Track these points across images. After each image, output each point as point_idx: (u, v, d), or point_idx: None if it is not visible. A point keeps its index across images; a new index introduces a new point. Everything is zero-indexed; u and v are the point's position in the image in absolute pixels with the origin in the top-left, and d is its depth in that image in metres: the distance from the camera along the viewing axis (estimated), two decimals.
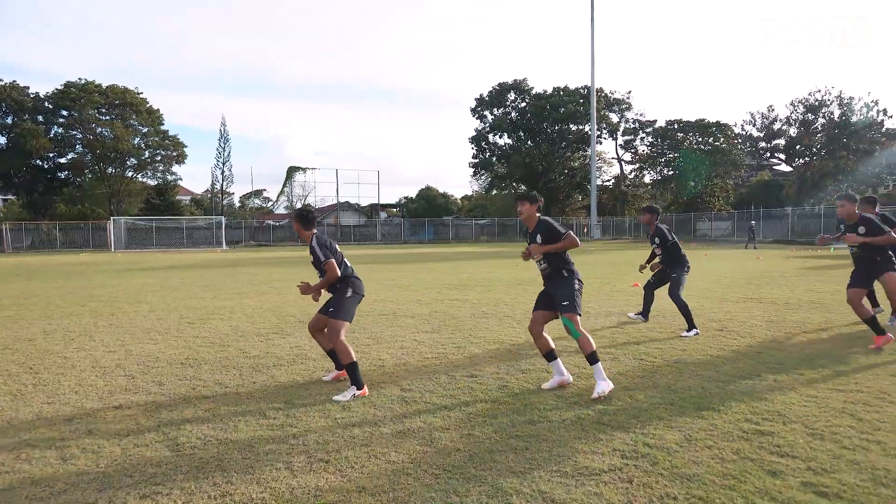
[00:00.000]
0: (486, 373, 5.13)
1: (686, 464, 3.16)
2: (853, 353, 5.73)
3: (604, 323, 7.66)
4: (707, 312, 8.41)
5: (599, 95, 58.22)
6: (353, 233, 55.96)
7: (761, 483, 2.92)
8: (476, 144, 63.70)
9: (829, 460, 3.18)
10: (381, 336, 6.94)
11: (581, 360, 5.50)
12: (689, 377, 4.91)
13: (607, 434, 3.62)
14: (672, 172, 57.72)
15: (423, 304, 9.71)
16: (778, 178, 58.48)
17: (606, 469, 3.11)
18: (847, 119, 48.65)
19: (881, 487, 2.86)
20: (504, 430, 3.70)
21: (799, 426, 3.71)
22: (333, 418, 3.98)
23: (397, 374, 5.15)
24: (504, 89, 61.85)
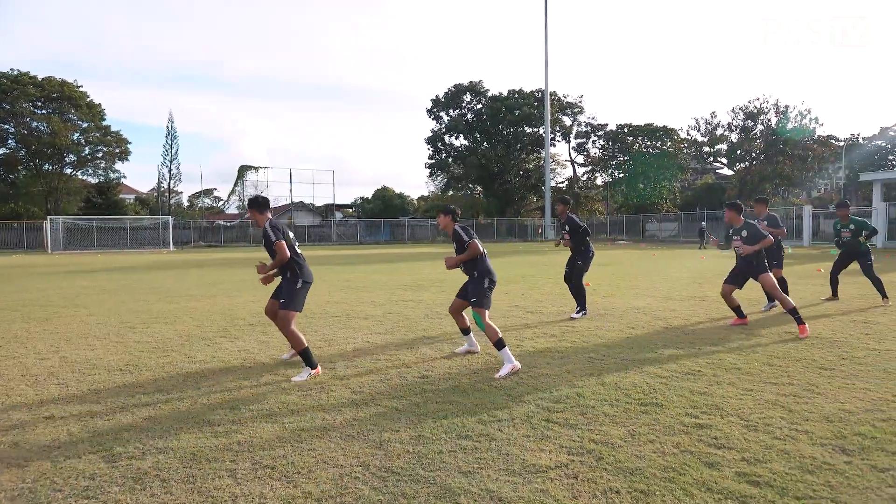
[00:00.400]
0: (438, 373, 5.14)
1: (629, 458, 3.25)
2: (787, 348, 6.04)
3: (554, 321, 7.80)
4: (653, 311, 8.69)
5: (553, 99, 59.33)
6: (308, 233, 54.97)
7: (699, 475, 3.04)
8: (432, 145, 63.78)
9: (761, 451, 3.34)
10: (334, 338, 6.84)
11: (535, 360, 5.60)
12: (634, 374, 5.05)
13: (555, 431, 3.69)
14: (622, 175, 59.43)
15: (378, 306, 9.64)
16: (721, 182, 61.12)
17: (553, 466, 3.16)
18: (783, 126, 51.34)
19: (807, 475, 3.02)
20: (454, 431, 3.71)
21: (735, 419, 3.89)
22: (281, 423, 3.90)
23: (348, 376, 5.09)
24: (460, 91, 62.17)
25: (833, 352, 5.81)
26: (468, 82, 62.20)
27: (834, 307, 8.86)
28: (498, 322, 7.81)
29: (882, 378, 4.84)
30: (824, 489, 2.86)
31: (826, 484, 2.91)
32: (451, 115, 62.82)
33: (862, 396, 4.34)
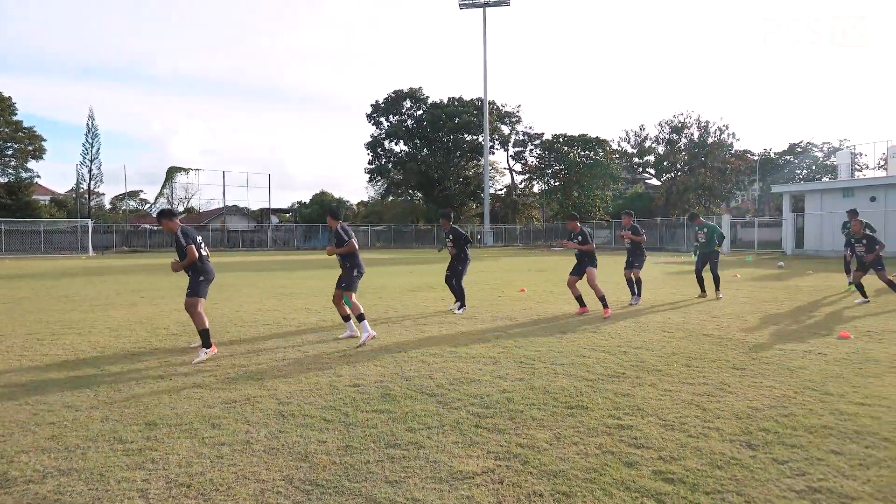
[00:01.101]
0: (370, 382, 5.07)
1: (554, 461, 3.33)
2: (703, 349, 6.39)
3: (490, 327, 7.90)
4: (584, 316, 8.97)
5: (492, 108, 60.41)
6: (242, 238, 53.10)
7: (619, 474, 3.15)
8: (372, 150, 63.37)
9: (676, 449, 3.51)
10: (263, 347, 6.62)
11: (467, 365, 5.64)
12: (563, 378, 5.19)
13: (484, 437, 3.72)
14: (558, 183, 61.22)
15: (312, 313, 9.42)
16: (650, 191, 64.18)
17: (480, 472, 3.18)
18: (704, 139, 54.61)
19: (717, 470, 3.20)
20: (383, 440, 3.67)
21: (654, 418, 4.06)
22: (200, 437, 3.72)
23: (276, 386, 4.93)
24: (400, 97, 62.17)
25: (744, 352, 6.20)
26: (408, 88, 62.34)
27: (746, 309, 9.46)
28: (433, 328, 7.83)
29: (786, 376, 5.20)
30: (731, 483, 3.03)
31: (733, 478, 3.09)
32: (391, 120, 62.71)
33: (768, 394, 4.65)
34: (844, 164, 34.90)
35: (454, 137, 61.64)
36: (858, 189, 30.50)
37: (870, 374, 5.26)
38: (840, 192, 31.24)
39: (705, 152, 54.15)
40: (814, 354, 6.07)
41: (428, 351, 6.33)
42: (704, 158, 54.23)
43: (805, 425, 3.90)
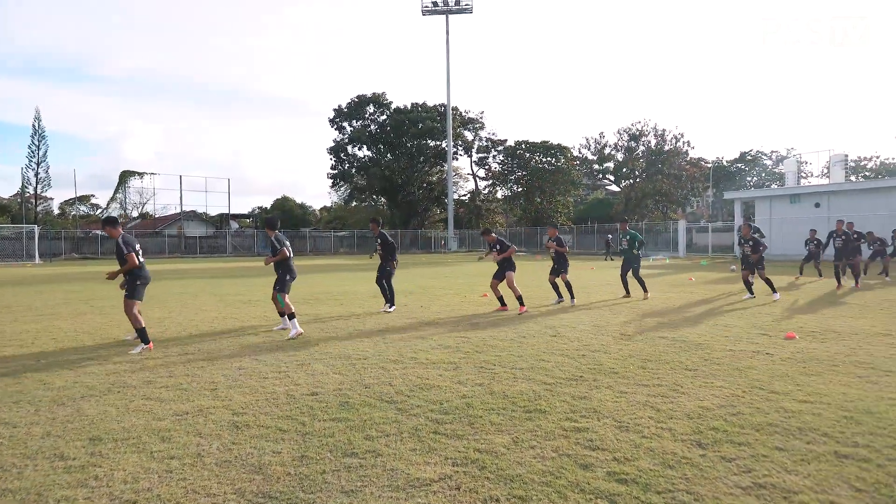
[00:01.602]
0: (329, 390, 5.00)
1: (511, 465, 3.34)
2: (658, 351, 6.55)
3: (451, 332, 7.90)
4: (545, 319, 9.09)
5: (455, 114, 60.75)
6: (200, 244, 51.65)
7: (574, 476, 3.19)
8: (335, 155, 62.77)
9: (630, 449, 3.58)
10: (218, 357, 6.44)
11: (428, 371, 5.63)
12: (522, 382, 5.23)
13: (442, 443, 3.71)
14: (521, 189, 61.98)
15: (270, 321, 9.22)
16: (609, 197, 65.68)
17: (437, 478, 3.17)
18: (661, 147, 56.30)
19: (668, 469, 3.28)
20: (340, 449, 3.62)
21: (609, 420, 4.14)
22: (149, 452, 3.58)
23: (231, 397, 4.80)
24: (363, 102, 61.86)
25: (697, 354, 6.39)
26: (371, 94, 62.09)
27: (700, 311, 9.77)
28: (395, 334, 7.79)
29: (735, 376, 5.39)
30: (682, 482, 3.11)
31: (683, 477, 3.17)
32: (355, 125, 62.30)
33: (718, 393, 4.80)
34: (791, 172, 36.56)
35: (418, 143, 61.68)
36: (804, 195, 31.97)
37: (813, 372, 5.49)
38: (787, 198, 32.67)
39: (662, 159, 55.81)
40: (762, 355, 6.31)
41: (388, 358, 6.28)
42: (661, 165, 55.88)
43: (752, 423, 4.04)
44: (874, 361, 5.93)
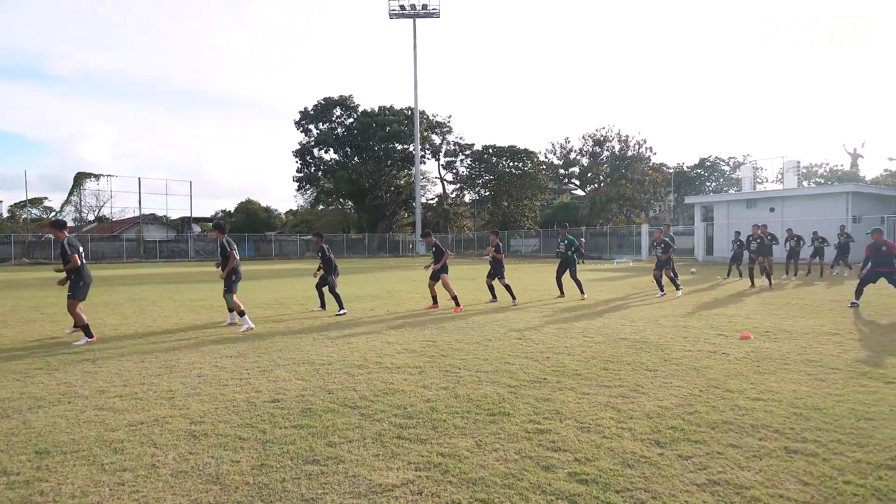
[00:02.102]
0: (291, 396, 4.91)
1: (474, 468, 3.35)
2: (620, 352, 6.68)
3: (417, 336, 7.88)
4: (510, 322, 9.15)
5: (423, 117, 60.78)
6: (161, 249, 50.18)
7: (535, 478, 3.21)
8: (301, 158, 61.94)
9: (591, 450, 3.63)
10: (177, 364, 6.26)
11: (392, 376, 5.60)
12: (487, 385, 5.25)
13: (405, 448, 3.69)
14: (488, 193, 62.41)
15: (233, 327, 9.02)
16: (575, 201, 66.73)
17: (399, 484, 3.15)
18: (624, 153, 57.56)
19: (628, 468, 3.34)
20: (301, 456, 3.56)
21: (572, 421, 4.19)
22: (100, 464, 3.45)
23: (189, 405, 4.67)
24: (330, 104, 61.27)
25: (657, 354, 6.54)
26: (338, 96, 61.56)
27: (660, 313, 10.00)
28: (360, 339, 7.72)
29: (693, 375, 5.53)
30: (640, 480, 3.18)
31: (642, 476, 3.24)
32: (321, 128, 61.63)
33: (676, 393, 4.92)
34: (747, 178, 37.88)
35: (385, 146, 61.42)
36: (760, 201, 33.16)
37: (766, 371, 5.69)
38: (744, 203, 33.82)
39: (626, 165, 57.05)
40: (718, 354, 6.50)
41: (353, 363, 6.22)
42: (625, 171, 57.11)
43: (708, 421, 4.15)
44: (823, 360, 6.18)
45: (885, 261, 10.40)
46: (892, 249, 10.39)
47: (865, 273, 10.61)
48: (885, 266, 10.39)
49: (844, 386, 5.08)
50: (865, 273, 10.61)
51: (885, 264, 10.41)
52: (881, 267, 10.43)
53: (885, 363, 5.95)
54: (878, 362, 6.00)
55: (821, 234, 19.97)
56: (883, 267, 10.41)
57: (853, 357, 6.28)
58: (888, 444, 3.67)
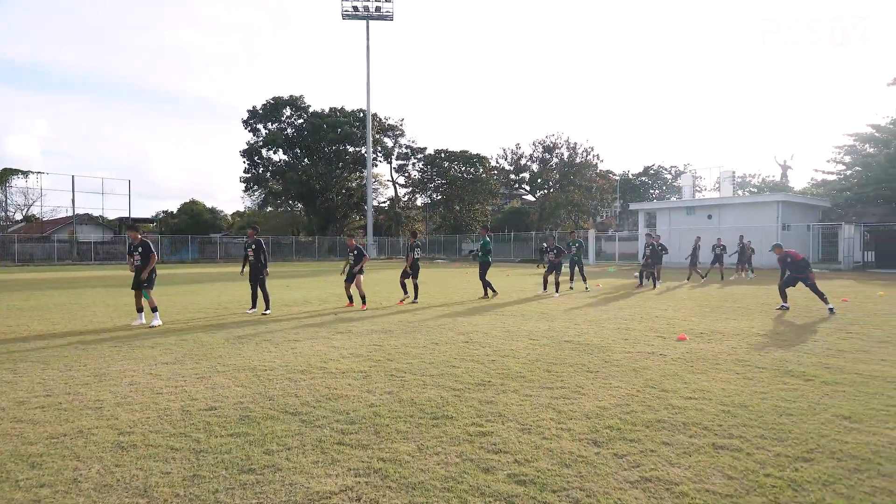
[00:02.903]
0: (229, 404, 4.76)
1: (414, 473, 3.34)
2: (563, 354, 6.82)
3: (363, 341, 7.79)
4: (457, 325, 9.20)
5: (375, 120, 60.38)
6: (96, 250, 47.63)
7: (475, 481, 3.23)
8: (249, 158, 60.34)
9: (531, 451, 3.69)
10: (107, 372, 5.95)
11: (337, 381, 5.52)
12: (431, 388, 5.25)
13: (346, 454, 3.64)
14: (440, 197, 62.63)
15: (170, 333, 8.66)
16: (526, 206, 67.89)
17: (338, 490, 3.10)
18: (573, 159, 59.05)
19: (565, 468, 3.41)
20: (237, 465, 3.45)
21: (513, 423, 4.24)
22: (14, 481, 3.23)
23: (117, 415, 4.44)
24: (280, 104, 60.01)
25: (599, 356, 6.72)
26: (289, 96, 60.39)
27: (603, 316, 10.29)
28: (305, 344, 7.57)
29: (631, 376, 5.72)
30: (576, 479, 3.25)
31: (578, 475, 3.31)
32: (270, 128, 60.25)
33: (615, 393, 5.07)
34: (687, 186, 39.60)
35: (336, 148, 60.64)
36: (699, 208, 34.71)
37: (699, 371, 5.94)
38: (684, 210, 35.32)
39: (574, 171, 58.49)
40: (656, 356, 6.75)
41: (296, 368, 6.09)
42: (573, 177, 58.55)
43: (643, 420, 4.30)
44: (751, 359, 6.51)
45: (800, 268, 11.32)
46: (797, 257, 11.46)
47: (785, 279, 11.56)
48: (800, 272, 11.33)
49: (769, 384, 5.37)
50: (785, 279, 11.56)
51: (800, 270, 11.33)
52: (798, 273, 11.36)
53: (806, 362, 6.33)
54: (800, 361, 6.38)
55: (722, 242, 21.73)
56: (799, 273, 11.35)
57: (778, 356, 6.66)
58: (805, 438, 3.91)
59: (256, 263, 10.96)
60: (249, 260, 11.00)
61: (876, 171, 38.61)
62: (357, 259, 11.84)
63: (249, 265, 11.04)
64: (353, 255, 11.87)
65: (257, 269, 10.99)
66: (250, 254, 11.00)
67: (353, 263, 11.85)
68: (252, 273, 11.03)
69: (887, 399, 4.83)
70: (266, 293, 10.98)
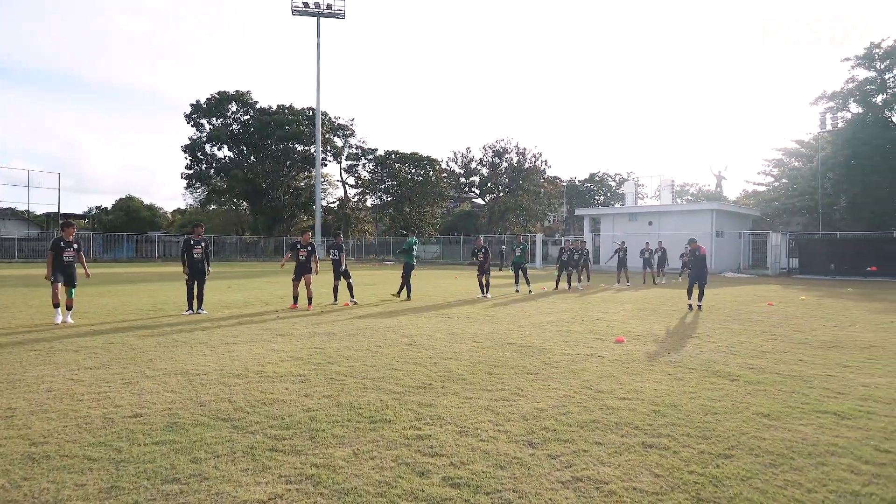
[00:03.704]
0: (156, 410, 4.53)
1: (348, 478, 3.28)
2: (506, 357, 6.90)
3: (304, 344, 7.63)
4: (402, 328, 9.15)
5: (325, 119, 59.47)
6: (20, 247, 44.60)
7: (409, 485, 3.21)
8: (191, 154, 58.10)
9: (467, 453, 3.69)
10: (22, 378, 5.55)
11: (274, 385, 5.38)
12: (371, 392, 5.19)
13: (278, 460, 3.53)
14: (390, 199, 62.31)
15: (97, 335, 8.19)
16: (475, 210, 68.49)
17: (266, 499, 3.01)
18: (522, 164, 60.07)
19: (499, 470, 3.43)
20: (160, 475, 3.28)
21: (452, 426, 4.24)
22: None
23: (31, 424, 4.15)
24: (225, 99, 58.13)
25: (539, 358, 6.84)
26: (235, 91, 58.62)
27: (546, 319, 10.49)
28: (242, 347, 7.34)
29: (570, 377, 5.84)
30: (510, 481, 3.28)
31: (512, 476, 3.34)
32: (215, 123, 58.28)
33: (553, 395, 5.16)
34: (630, 194, 41.01)
35: (284, 146, 59.30)
36: (640, 215, 36.01)
37: (633, 372, 6.14)
38: (627, 216, 36.57)
39: (523, 176, 59.50)
40: (594, 357, 6.93)
41: (231, 372, 5.88)
42: (522, 182, 59.55)
43: (578, 421, 4.39)
44: (682, 360, 6.79)
45: (698, 263, 12.60)
46: (702, 251, 12.63)
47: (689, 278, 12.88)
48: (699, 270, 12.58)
49: (698, 384, 5.61)
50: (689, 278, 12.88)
51: (698, 268, 12.60)
52: (696, 271, 12.63)
53: (732, 363, 6.66)
54: (727, 362, 6.70)
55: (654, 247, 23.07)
56: (697, 271, 12.60)
57: (707, 357, 6.97)
58: (727, 435, 4.10)
59: (202, 263, 10.67)
60: (195, 259, 10.56)
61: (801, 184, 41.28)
62: (310, 256, 11.73)
63: (191, 265, 10.57)
64: (307, 252, 11.72)
65: (202, 270, 10.69)
66: (198, 252, 10.62)
67: (306, 260, 11.70)
68: (196, 273, 10.66)
69: (802, 397, 5.14)
70: (202, 293, 10.84)
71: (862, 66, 35.06)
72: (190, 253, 10.60)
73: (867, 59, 34.59)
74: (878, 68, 34.52)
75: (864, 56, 34.68)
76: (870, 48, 34.34)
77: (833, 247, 28.97)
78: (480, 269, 15.47)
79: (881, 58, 34.12)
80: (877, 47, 34.16)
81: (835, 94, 36.24)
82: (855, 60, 35.07)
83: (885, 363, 6.74)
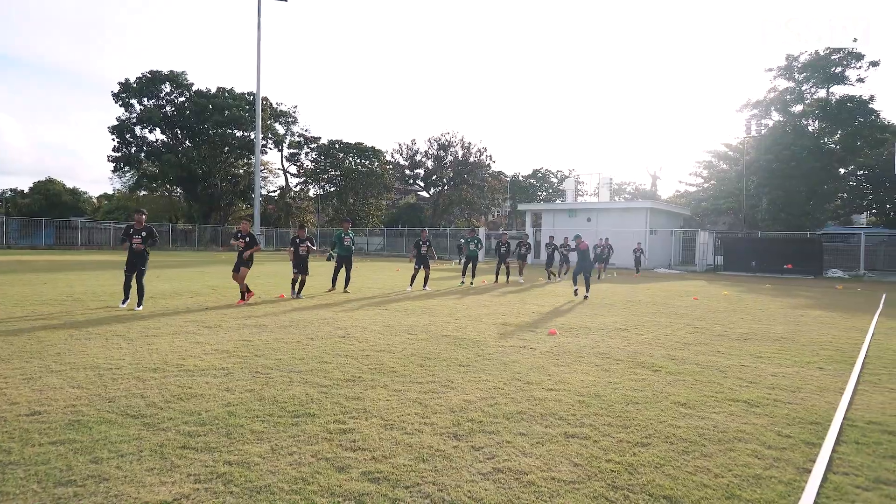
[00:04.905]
0: (58, 407, 4.21)
1: (262, 476, 3.14)
2: (439, 349, 6.88)
3: (231, 336, 7.32)
4: (338, 321, 8.97)
5: (266, 104, 57.49)
6: None
7: (327, 481, 3.11)
8: (119, 136, 54.72)
9: (390, 447, 3.63)
10: None
11: (194, 379, 5.12)
12: (298, 385, 5.03)
13: (188, 459, 3.35)
14: (334, 189, 61.16)
15: (1, 323, 7.55)
16: (420, 203, 68.34)
17: (171, 500, 2.83)
18: (467, 159, 60.40)
19: (421, 463, 3.39)
20: (53, 478, 3.03)
21: (377, 419, 4.17)
22: None
23: None
24: (158, 79, 55.04)
25: (472, 350, 6.86)
26: (168, 71, 55.56)
27: (483, 312, 10.58)
28: (163, 339, 6.97)
29: (501, 369, 5.89)
30: (431, 474, 3.24)
31: (433, 469, 3.31)
32: (146, 104, 55.12)
33: (483, 387, 5.18)
34: (570, 190, 42.05)
35: (222, 131, 56.85)
36: (580, 211, 36.99)
37: (563, 363, 6.27)
38: (567, 212, 37.48)
39: (468, 170, 59.84)
40: (526, 349, 7.02)
41: (147, 366, 5.56)
42: (467, 176, 59.89)
43: (505, 412, 4.42)
44: (610, 352, 7.00)
45: (584, 256, 14.30)
46: (583, 246, 14.31)
47: (574, 269, 14.77)
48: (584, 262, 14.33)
49: (622, 375, 5.79)
50: (574, 269, 14.77)
51: (584, 259, 14.31)
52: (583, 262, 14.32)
53: (656, 354, 6.93)
54: (651, 353, 6.96)
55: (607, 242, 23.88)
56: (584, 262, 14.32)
57: (633, 349, 7.22)
58: (646, 424, 4.23)
59: (142, 253, 10.01)
60: (133, 248, 9.89)
61: (728, 186, 43.60)
62: (248, 247, 11.19)
63: (130, 253, 9.91)
64: (246, 242, 11.20)
65: (141, 259, 10.03)
66: (137, 242, 9.92)
67: (244, 251, 11.21)
68: (134, 263, 9.99)
69: (717, 387, 5.40)
70: (142, 287, 10.07)
71: (783, 77, 37.49)
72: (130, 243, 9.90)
73: (787, 70, 37.01)
74: (796, 79, 36.99)
75: (784, 67, 37.07)
76: (789, 60, 36.73)
77: (755, 245, 30.85)
78: (423, 261, 15.40)
79: (799, 70, 36.58)
80: (795, 60, 36.58)
81: (758, 103, 38.53)
82: (777, 71, 37.45)
83: (793, 354, 7.20)
